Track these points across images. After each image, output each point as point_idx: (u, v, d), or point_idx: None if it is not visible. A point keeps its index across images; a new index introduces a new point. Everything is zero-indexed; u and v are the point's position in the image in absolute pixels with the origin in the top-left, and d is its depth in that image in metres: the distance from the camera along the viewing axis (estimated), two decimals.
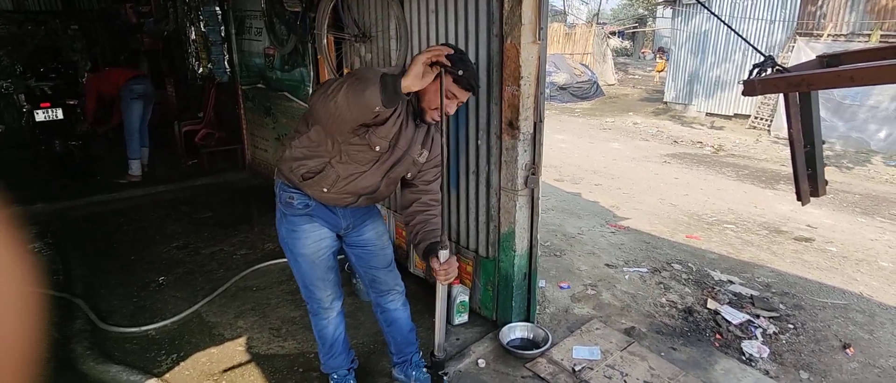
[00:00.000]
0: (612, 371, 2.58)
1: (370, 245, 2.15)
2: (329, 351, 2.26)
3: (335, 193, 1.92)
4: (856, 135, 8.72)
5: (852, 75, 1.55)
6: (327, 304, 2.15)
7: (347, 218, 2.06)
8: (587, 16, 26.15)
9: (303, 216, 1.98)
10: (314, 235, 2.01)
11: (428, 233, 1.96)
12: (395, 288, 2.25)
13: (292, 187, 1.97)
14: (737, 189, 6.36)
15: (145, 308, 3.11)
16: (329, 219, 2.02)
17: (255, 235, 4.17)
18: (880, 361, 2.82)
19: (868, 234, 4.84)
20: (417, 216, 2.00)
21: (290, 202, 1.98)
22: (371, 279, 2.22)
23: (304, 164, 1.89)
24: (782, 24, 10.28)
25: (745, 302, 3.38)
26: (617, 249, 4.22)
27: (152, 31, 6.69)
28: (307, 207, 1.97)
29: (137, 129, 5.36)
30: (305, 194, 1.95)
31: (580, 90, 14.58)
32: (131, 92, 5.25)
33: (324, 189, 1.90)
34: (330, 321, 2.20)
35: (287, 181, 1.97)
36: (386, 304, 2.26)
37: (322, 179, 1.89)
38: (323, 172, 1.88)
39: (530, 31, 2.39)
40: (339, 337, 2.25)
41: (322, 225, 2.01)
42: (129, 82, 5.26)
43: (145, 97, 5.38)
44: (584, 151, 8.45)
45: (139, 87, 5.31)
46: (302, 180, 1.92)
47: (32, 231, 4.16)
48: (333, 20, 3.61)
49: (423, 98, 1.82)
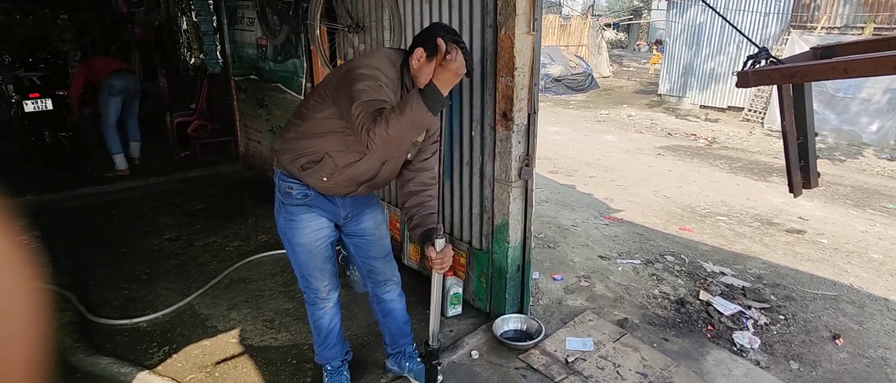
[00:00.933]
0: (605, 362, 2.59)
1: (368, 234, 2.14)
2: (324, 342, 2.26)
3: (334, 182, 1.91)
4: (848, 127, 8.77)
5: (846, 67, 1.54)
6: (324, 294, 2.15)
7: (347, 207, 2.05)
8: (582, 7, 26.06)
9: (301, 206, 1.97)
10: (312, 225, 2.00)
11: (425, 217, 1.95)
12: (391, 279, 2.25)
13: (291, 177, 1.95)
14: (730, 181, 6.39)
15: (136, 300, 3.09)
16: (328, 208, 2.01)
17: (249, 227, 4.15)
18: (869, 351, 2.85)
19: (859, 226, 4.88)
20: (414, 197, 1.99)
21: (289, 192, 1.96)
22: (368, 269, 2.22)
23: (302, 155, 1.88)
24: (776, 17, 10.29)
25: (736, 293, 3.40)
26: (610, 241, 4.23)
27: (143, 22, 6.61)
28: (306, 197, 1.96)
29: (114, 125, 5.19)
30: (304, 184, 1.94)
31: (575, 82, 14.56)
32: (110, 88, 5.11)
33: (323, 178, 1.89)
34: (326, 311, 2.19)
35: (286, 171, 1.96)
36: (382, 295, 2.26)
37: (321, 169, 1.87)
38: (321, 162, 1.86)
39: (525, 21, 2.38)
40: (335, 328, 2.25)
41: (321, 215, 2.00)
42: (108, 77, 5.11)
43: (125, 93, 5.21)
44: (578, 143, 8.45)
45: (118, 84, 5.13)
46: (301, 170, 1.90)
47: (21, 222, 4.11)
48: (326, 10, 3.58)
49: (418, 79, 1.81)
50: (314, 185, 1.94)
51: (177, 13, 5.38)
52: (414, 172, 2.01)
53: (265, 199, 4.73)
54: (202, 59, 5.36)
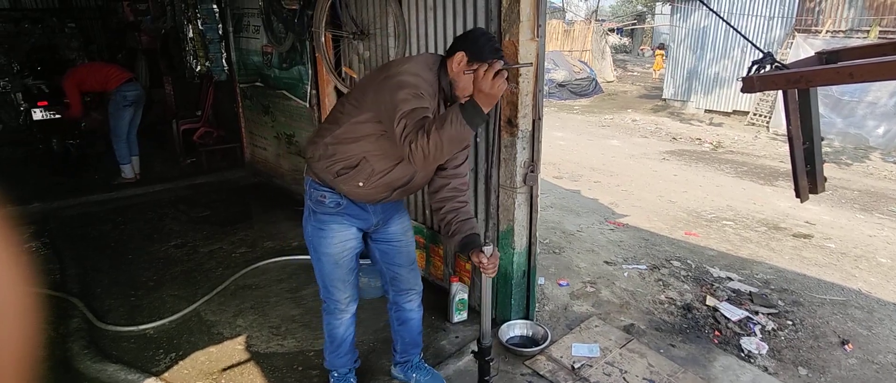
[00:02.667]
0: (612, 368, 2.58)
1: (395, 240, 2.15)
2: (336, 349, 2.26)
3: (370, 187, 1.90)
4: (854, 131, 8.73)
5: (852, 71, 1.54)
6: (343, 306, 2.16)
7: (378, 214, 2.05)
8: (586, 13, 26.10)
9: (333, 215, 1.97)
10: (341, 235, 2.00)
11: (462, 224, 1.96)
12: (414, 288, 2.26)
13: (324, 185, 1.95)
14: (735, 185, 6.36)
15: (143, 307, 3.11)
16: (360, 216, 2.01)
17: (255, 233, 4.16)
18: (879, 357, 2.82)
19: (866, 230, 4.85)
20: (448, 202, 1.99)
21: (322, 200, 1.96)
22: (392, 276, 2.22)
23: (338, 161, 1.88)
24: (781, 21, 10.27)
25: (743, 298, 3.38)
26: (616, 246, 4.22)
27: (150, 29, 6.66)
28: (338, 206, 1.96)
29: (126, 135, 5.11)
30: (337, 193, 1.94)
31: (579, 87, 14.57)
32: (124, 98, 4.98)
33: (359, 183, 1.88)
34: (342, 322, 2.20)
35: (318, 179, 1.96)
36: (403, 303, 2.27)
37: (357, 174, 1.87)
38: (358, 167, 1.86)
39: (529, 27, 2.38)
40: (348, 337, 2.26)
41: (350, 224, 2.00)
42: (121, 87, 4.97)
43: (137, 104, 5.14)
44: (582, 148, 8.44)
45: (132, 93, 5.04)
46: (336, 177, 1.90)
47: (29, 230, 4.15)
48: (331, 18, 3.60)
49: (456, 84, 1.81)
50: (348, 192, 1.93)
51: (183, 21, 5.42)
52: (446, 179, 2.01)
53: (271, 206, 4.75)
54: (208, 67, 5.39)
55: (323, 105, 4.11)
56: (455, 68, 1.77)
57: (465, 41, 1.78)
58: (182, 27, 5.46)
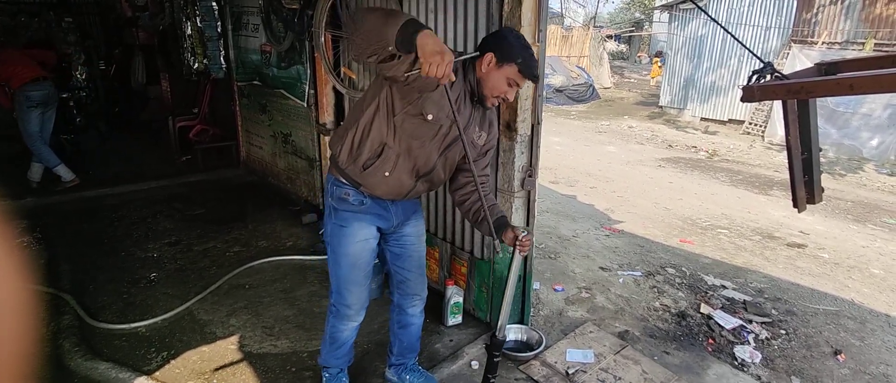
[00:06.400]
0: (606, 374, 2.58)
1: (409, 244, 2.15)
2: (335, 350, 2.26)
3: (396, 177, 1.89)
4: (848, 142, 8.79)
5: (852, 83, 1.55)
6: (353, 312, 2.14)
7: (398, 215, 2.05)
8: (584, 19, 26.21)
9: (355, 213, 1.97)
10: (362, 234, 1.99)
11: (491, 208, 1.97)
12: (419, 294, 2.26)
13: (348, 183, 1.94)
14: (730, 194, 6.39)
15: (135, 305, 3.08)
16: (382, 214, 2.00)
17: (249, 232, 4.14)
18: (871, 368, 2.83)
19: (859, 241, 4.88)
20: (473, 194, 2.00)
21: (345, 198, 1.95)
22: (401, 279, 2.22)
23: (363, 152, 1.87)
24: (778, 31, 10.35)
25: (737, 307, 3.39)
26: (611, 252, 4.22)
27: (148, 26, 6.63)
28: (361, 205, 1.95)
29: (38, 136, 4.68)
30: (361, 191, 1.94)
31: (576, 93, 14.61)
32: (28, 99, 4.54)
33: (385, 173, 1.87)
34: (348, 327, 2.20)
35: (343, 177, 1.95)
36: (407, 308, 2.27)
37: (383, 163, 1.86)
38: (383, 155, 1.85)
39: (529, 32, 2.38)
40: (349, 341, 2.26)
41: (372, 223, 2.00)
42: (24, 87, 4.51)
43: (46, 104, 4.69)
44: (579, 154, 8.46)
45: (37, 94, 4.58)
46: (363, 171, 1.89)
47: (21, 225, 4.11)
48: (332, 18, 3.59)
49: (485, 83, 1.81)
50: (375, 186, 1.91)
51: (181, 18, 5.40)
52: (469, 176, 2.01)
53: (266, 205, 4.73)
54: (205, 64, 5.37)
55: (321, 105, 4.10)
56: (484, 69, 1.79)
57: (494, 41, 1.81)
58: (180, 24, 5.44)
